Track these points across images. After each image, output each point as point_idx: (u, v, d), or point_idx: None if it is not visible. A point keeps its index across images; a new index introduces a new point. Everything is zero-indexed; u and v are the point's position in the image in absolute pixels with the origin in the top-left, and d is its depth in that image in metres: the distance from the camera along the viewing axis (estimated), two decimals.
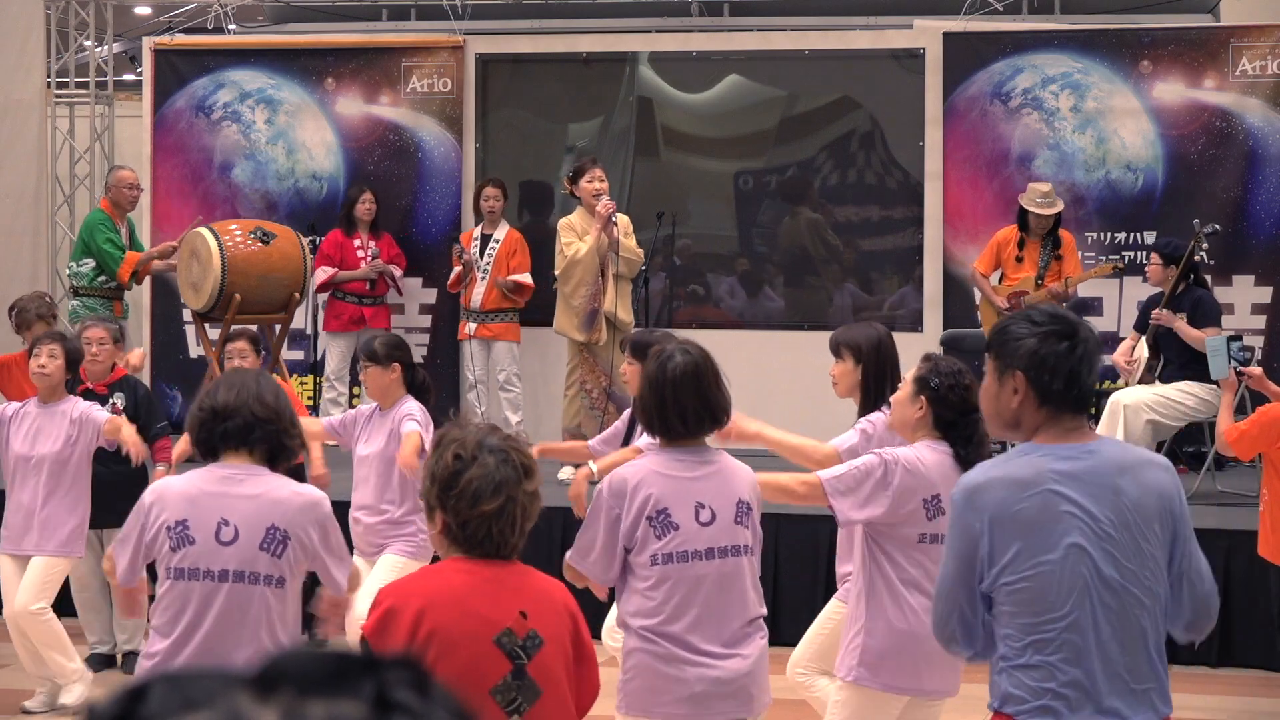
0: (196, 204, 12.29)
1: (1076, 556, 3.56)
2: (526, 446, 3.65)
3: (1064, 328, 3.63)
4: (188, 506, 4.44)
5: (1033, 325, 3.63)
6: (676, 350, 4.71)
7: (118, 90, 14.04)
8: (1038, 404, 3.61)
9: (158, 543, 4.48)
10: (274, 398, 4.49)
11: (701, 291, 11.97)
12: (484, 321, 11.04)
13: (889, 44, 11.79)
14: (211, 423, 4.45)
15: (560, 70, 12.21)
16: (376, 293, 11.66)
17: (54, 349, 7.12)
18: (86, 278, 10.89)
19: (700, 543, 4.62)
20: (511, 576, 3.59)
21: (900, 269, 11.70)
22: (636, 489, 4.59)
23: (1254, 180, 11.04)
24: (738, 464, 4.80)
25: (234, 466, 4.46)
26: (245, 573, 4.42)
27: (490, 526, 3.52)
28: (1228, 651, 8.24)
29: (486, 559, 3.56)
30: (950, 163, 11.43)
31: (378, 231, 11.68)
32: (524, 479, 3.54)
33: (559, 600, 3.67)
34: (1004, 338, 3.65)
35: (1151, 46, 11.24)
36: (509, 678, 3.53)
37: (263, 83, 12.39)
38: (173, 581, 4.47)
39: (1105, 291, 11.10)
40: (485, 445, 3.54)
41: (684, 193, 11.99)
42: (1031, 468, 3.58)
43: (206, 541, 4.42)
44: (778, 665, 5.37)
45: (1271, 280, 10.99)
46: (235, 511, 4.42)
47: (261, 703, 0.95)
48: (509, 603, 3.55)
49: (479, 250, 11.08)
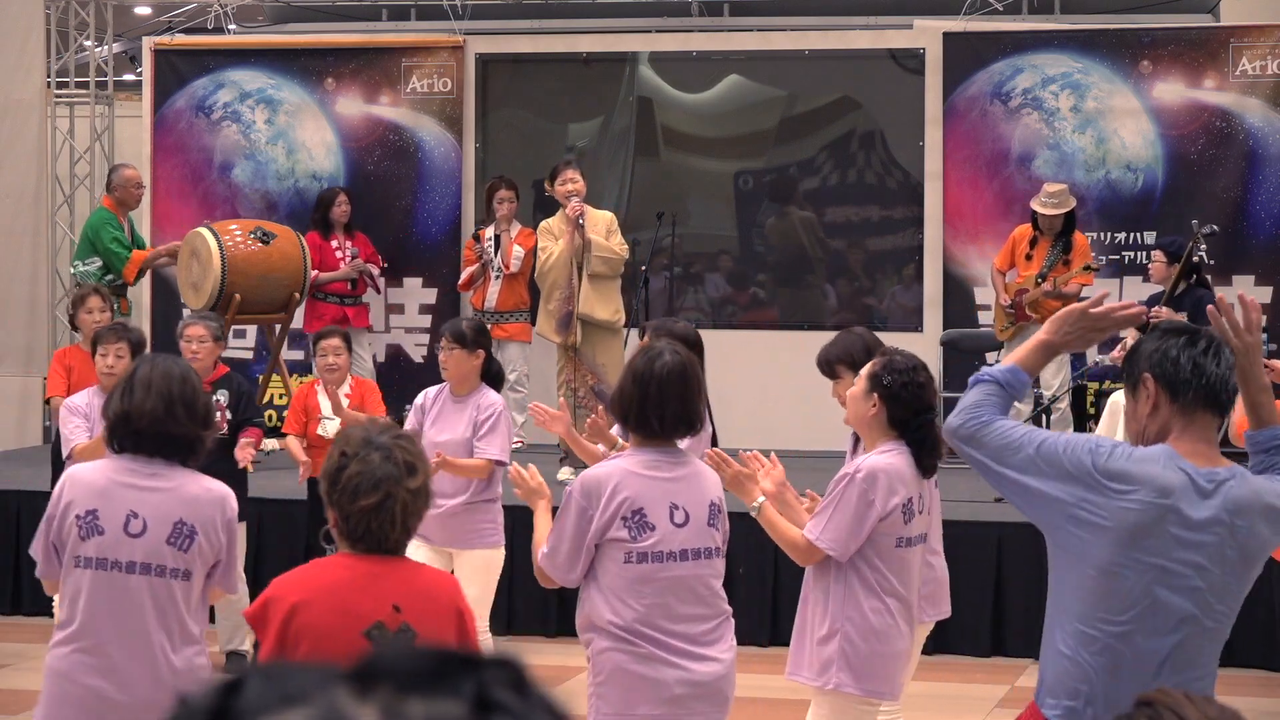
0: (196, 204, 12.29)
1: (1156, 575, 3.54)
2: (416, 444, 3.71)
3: (1184, 328, 3.67)
4: (97, 497, 4.44)
5: (1155, 331, 3.69)
6: (666, 349, 4.69)
7: (118, 90, 14.04)
8: (1170, 401, 3.57)
9: (65, 530, 4.48)
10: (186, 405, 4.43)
11: (701, 291, 11.97)
12: (497, 322, 11.05)
13: (889, 44, 11.79)
14: (124, 426, 4.43)
15: (560, 70, 12.21)
16: (357, 292, 11.66)
17: (120, 348, 7.04)
18: (93, 276, 10.90)
19: (675, 544, 4.62)
20: (392, 571, 3.68)
21: (900, 269, 11.70)
22: (614, 489, 4.58)
23: (1254, 180, 11.04)
24: (706, 466, 4.81)
25: (144, 460, 4.46)
26: (152, 565, 4.41)
27: (369, 521, 3.61)
28: (1228, 651, 8.20)
29: (370, 554, 3.65)
30: (950, 163, 11.43)
31: (352, 232, 11.68)
32: (406, 476, 3.61)
33: (442, 596, 3.73)
34: (1130, 356, 3.68)
35: (1151, 46, 11.24)
36: None
37: (263, 83, 12.38)
38: (79, 570, 4.48)
39: (1105, 291, 11.09)
40: (371, 442, 3.63)
41: (684, 193, 11.99)
42: (1167, 478, 3.53)
43: (115, 533, 4.43)
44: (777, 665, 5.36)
45: (1271, 280, 10.99)
46: (145, 505, 4.41)
47: (360, 699, 0.94)
48: (384, 597, 3.63)
49: (492, 250, 11.09)
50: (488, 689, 0.96)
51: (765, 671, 6.95)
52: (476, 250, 11.08)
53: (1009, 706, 7.50)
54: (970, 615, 8.13)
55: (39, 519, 9.59)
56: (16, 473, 10.19)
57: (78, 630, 4.47)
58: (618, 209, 11.41)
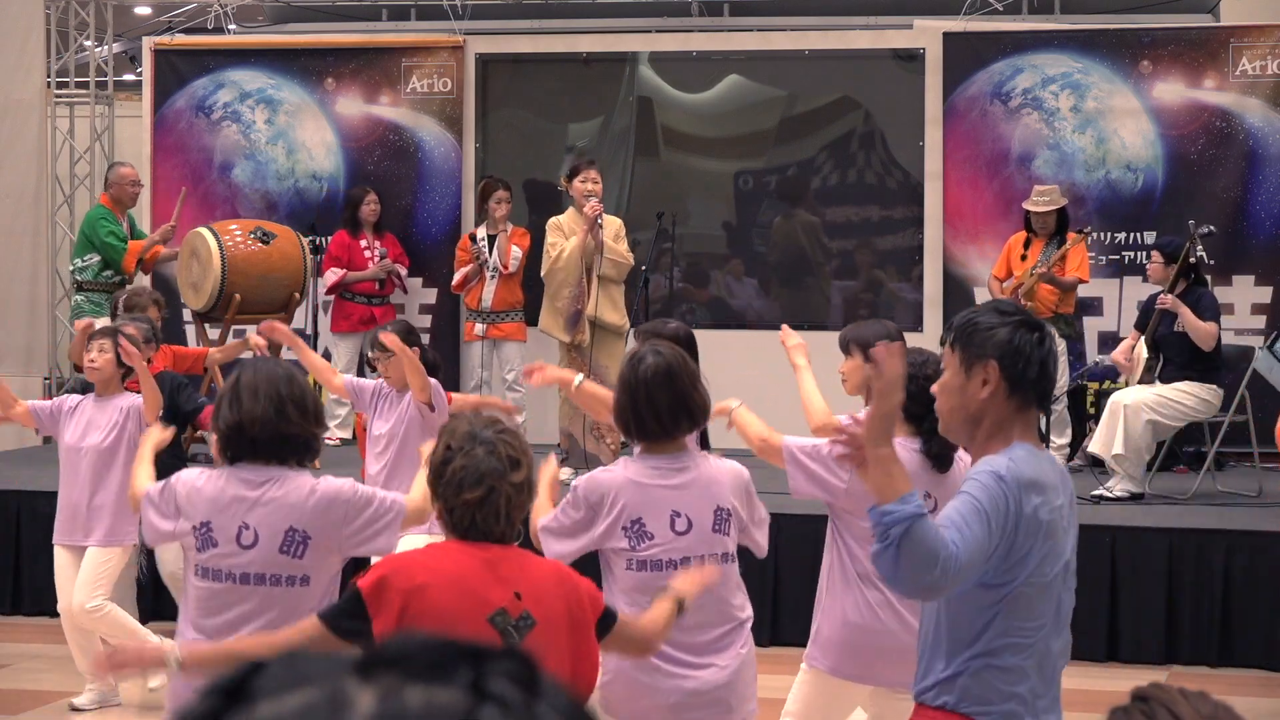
0: (196, 204, 12.28)
1: (1064, 571, 3.59)
2: (521, 439, 3.75)
3: (1032, 320, 3.63)
4: (210, 508, 4.44)
5: (1002, 315, 3.61)
6: (648, 352, 4.70)
7: (118, 90, 14.04)
8: (1008, 394, 3.56)
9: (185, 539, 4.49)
10: (297, 405, 4.44)
11: (701, 291, 11.97)
12: (493, 322, 11.06)
13: (889, 44, 11.79)
14: (238, 435, 4.42)
15: (560, 70, 12.21)
16: (384, 292, 11.67)
17: (104, 344, 7.16)
18: (91, 272, 10.90)
19: (676, 552, 4.61)
20: (508, 560, 3.71)
21: (900, 269, 11.70)
22: (613, 500, 4.59)
23: (1254, 180, 11.04)
24: (720, 467, 4.75)
25: (256, 469, 4.45)
26: (267, 575, 4.43)
27: (474, 515, 3.66)
28: (1228, 651, 8.24)
29: (481, 543, 3.69)
30: (950, 163, 11.42)
31: (381, 231, 11.69)
32: (510, 470, 3.65)
33: (556, 584, 3.75)
34: (971, 329, 3.59)
35: (1151, 46, 11.24)
36: None
37: (263, 83, 12.38)
38: (199, 580, 4.48)
39: (1105, 291, 11.10)
40: (476, 436, 3.68)
41: (684, 193, 11.99)
42: (1055, 474, 3.58)
43: (228, 544, 4.43)
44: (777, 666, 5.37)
45: (1271, 280, 10.99)
46: (254, 516, 4.41)
47: (363, 683, 0.97)
48: (504, 584, 3.67)
49: (486, 250, 11.09)
50: (485, 679, 0.98)
51: (766, 671, 6.94)
52: (473, 251, 11.08)
53: None
54: None
55: (39, 519, 9.62)
56: (16, 473, 10.19)
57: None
58: (618, 209, 11.43)
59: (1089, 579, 8.28)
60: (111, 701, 7.35)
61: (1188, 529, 8.48)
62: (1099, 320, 11.12)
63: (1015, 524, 3.48)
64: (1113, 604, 8.31)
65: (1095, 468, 9.50)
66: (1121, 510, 8.91)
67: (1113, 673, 8.01)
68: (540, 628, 3.68)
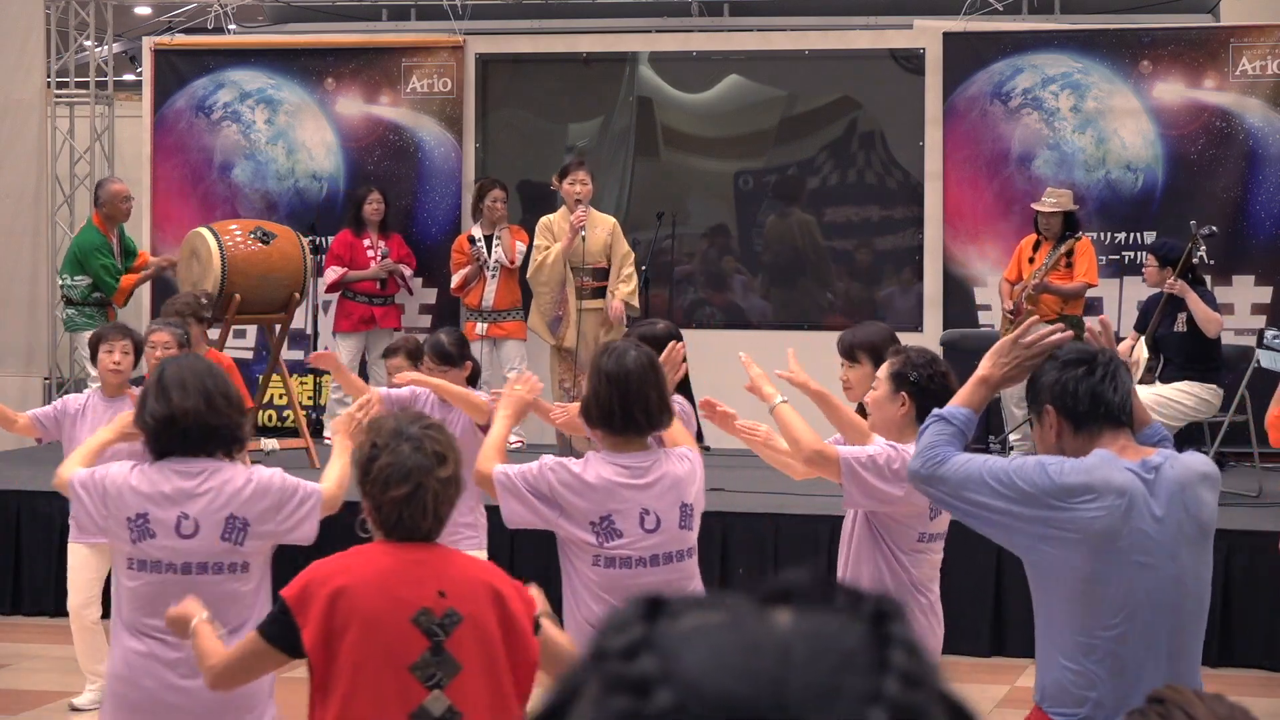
0: (197, 204, 12.29)
1: (1136, 570, 3.64)
2: (447, 434, 3.78)
3: (1081, 355, 3.75)
4: (145, 501, 4.45)
5: (1054, 360, 3.77)
6: (629, 345, 4.74)
7: (118, 90, 14.04)
8: (1073, 431, 3.71)
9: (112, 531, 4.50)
10: (225, 394, 4.47)
11: (701, 291, 11.97)
12: (494, 321, 11.08)
13: (889, 44, 11.79)
14: (168, 428, 4.44)
15: (560, 70, 12.21)
16: (387, 292, 11.67)
17: (126, 345, 7.17)
18: (80, 292, 10.92)
19: (645, 550, 4.66)
20: (432, 558, 3.75)
21: (900, 269, 11.70)
22: (588, 491, 4.62)
23: (1254, 180, 11.03)
24: (679, 459, 4.79)
25: (188, 462, 4.47)
26: (209, 563, 4.44)
27: (401, 511, 3.69)
28: (1228, 651, 8.24)
29: (406, 542, 3.73)
30: (950, 163, 11.42)
31: (386, 231, 11.69)
32: (437, 465, 3.69)
33: (481, 581, 3.78)
34: (1031, 382, 3.80)
35: (1151, 46, 11.24)
36: (427, 654, 3.71)
37: (263, 83, 12.38)
38: (135, 574, 4.49)
39: (1105, 291, 11.10)
40: (402, 433, 3.71)
41: (684, 193, 11.99)
42: (1126, 477, 3.65)
43: (168, 535, 4.44)
44: None
45: (1271, 280, 10.99)
46: (194, 506, 4.42)
47: (772, 609, 1.03)
48: (427, 583, 3.71)
49: (485, 249, 11.11)
50: (885, 615, 1.03)
51: None
52: (473, 252, 11.09)
53: (1009, 706, 7.50)
54: (970, 615, 8.13)
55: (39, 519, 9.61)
56: (16, 473, 10.18)
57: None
58: (618, 209, 11.43)
59: None
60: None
61: None
62: None
63: (1042, 518, 3.60)
64: None
65: None
66: None
67: None
68: (467, 624, 3.71)
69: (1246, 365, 9.71)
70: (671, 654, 1.00)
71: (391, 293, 11.70)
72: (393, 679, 3.72)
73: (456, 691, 3.72)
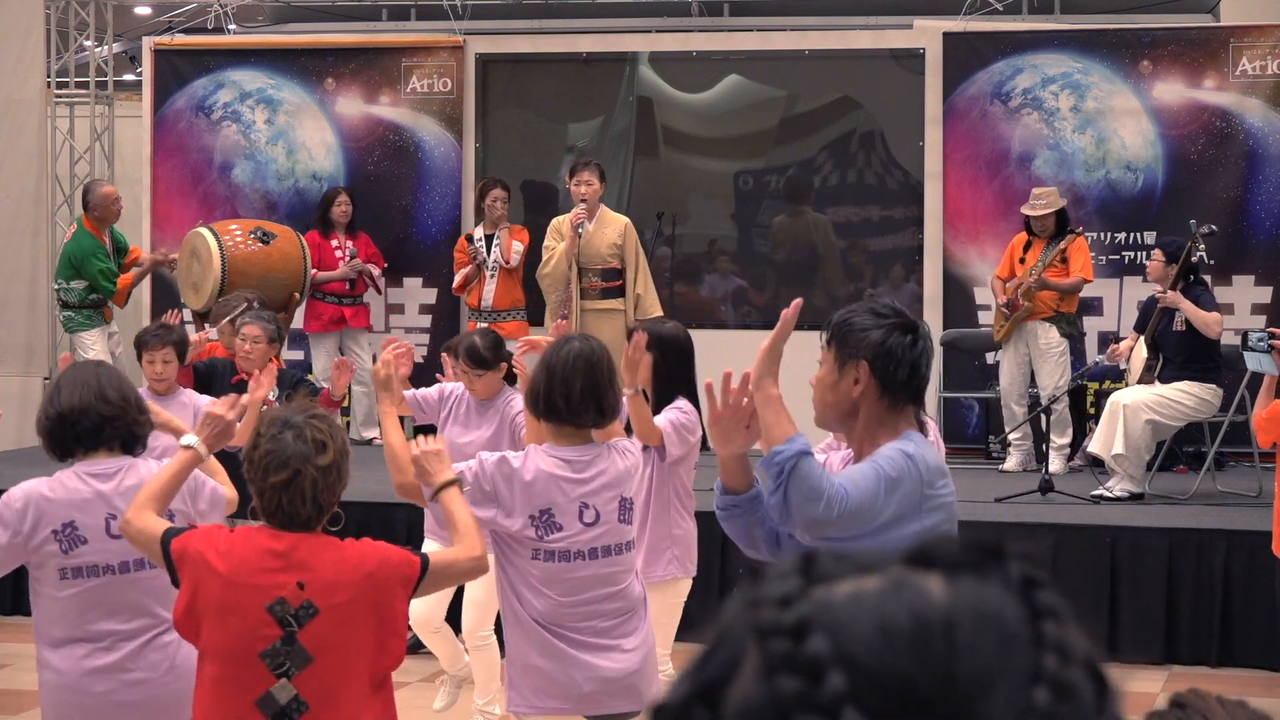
0: (197, 204, 12.29)
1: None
2: (332, 423, 3.83)
3: (907, 322, 3.67)
4: (69, 509, 4.46)
5: (877, 317, 3.66)
6: (576, 338, 4.84)
7: (118, 90, 14.04)
8: (879, 394, 3.62)
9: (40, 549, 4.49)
10: (117, 390, 4.51)
11: (701, 291, 11.97)
12: (495, 320, 11.08)
13: (889, 44, 11.79)
14: (62, 427, 4.48)
15: (560, 70, 12.21)
16: (356, 292, 11.67)
17: (166, 353, 7.15)
18: (77, 295, 10.92)
19: (584, 543, 4.70)
20: (303, 548, 3.81)
21: (900, 269, 11.70)
22: (527, 487, 4.65)
23: (1254, 180, 11.03)
24: (621, 451, 4.83)
25: (101, 462, 4.49)
26: (145, 560, 4.43)
27: (280, 498, 3.76)
28: (1228, 651, 8.24)
29: (285, 529, 3.80)
30: (950, 163, 11.42)
31: (354, 231, 11.69)
32: (316, 453, 3.74)
33: (357, 572, 3.82)
34: (846, 329, 3.67)
35: (1151, 46, 11.24)
36: (278, 643, 3.78)
37: (263, 83, 12.39)
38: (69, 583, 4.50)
39: (1105, 291, 11.10)
40: (286, 421, 3.78)
41: (684, 193, 11.99)
42: (937, 459, 3.68)
43: (99, 539, 4.45)
44: None
45: (1271, 280, 10.99)
46: (119, 505, 4.42)
47: (921, 574, 1.02)
48: (289, 573, 3.78)
49: (485, 249, 11.12)
50: (1032, 582, 1.03)
51: None
52: (470, 251, 11.09)
53: None
54: None
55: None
56: (16, 473, 10.15)
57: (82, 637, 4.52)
58: (618, 209, 11.43)
59: (1089, 579, 8.31)
60: None
61: (1188, 529, 8.48)
62: (1099, 320, 11.11)
63: (920, 501, 3.58)
64: (1112, 604, 8.31)
65: (1095, 468, 9.50)
66: (1121, 510, 8.91)
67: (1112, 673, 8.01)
68: (324, 617, 3.77)
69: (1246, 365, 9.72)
70: (840, 631, 0.98)
71: (360, 293, 11.70)
72: (243, 663, 3.78)
73: (305, 682, 3.78)
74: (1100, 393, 10.58)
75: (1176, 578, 8.31)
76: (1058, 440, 10.22)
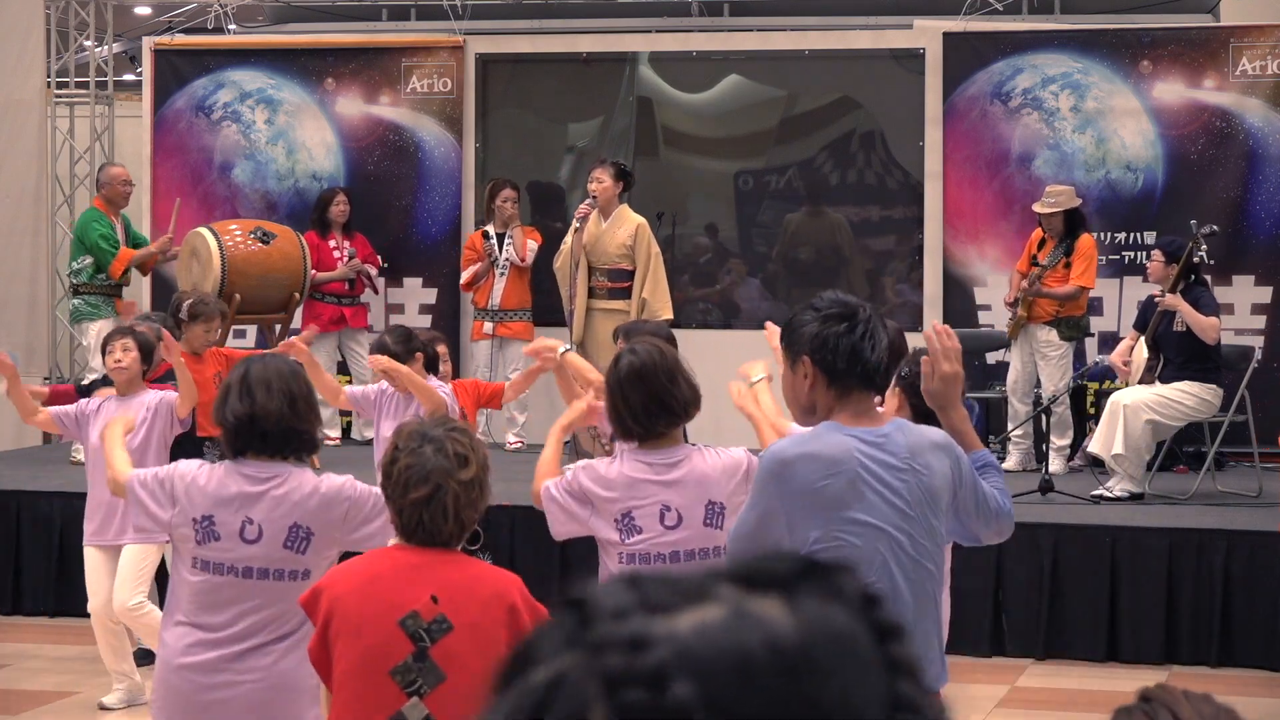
0: (197, 204, 12.28)
1: (875, 534, 3.73)
2: (472, 437, 3.75)
3: (843, 310, 3.79)
4: (212, 502, 4.42)
5: (814, 312, 3.80)
6: (626, 352, 4.79)
7: (118, 90, 14.03)
8: (827, 384, 3.75)
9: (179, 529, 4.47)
10: (307, 401, 4.46)
11: (701, 291, 11.97)
12: (502, 320, 11.10)
13: (889, 44, 11.79)
14: (250, 428, 4.41)
15: (560, 70, 12.21)
16: (354, 292, 11.68)
17: (126, 343, 7.17)
18: (86, 274, 10.90)
19: (665, 546, 4.68)
20: (439, 564, 3.69)
21: (900, 269, 11.70)
22: (605, 493, 4.68)
23: (1254, 180, 11.03)
24: (716, 460, 4.78)
25: (264, 466, 4.45)
26: (270, 570, 4.42)
27: (421, 514, 3.64)
28: (1228, 651, 8.24)
29: (424, 546, 3.68)
30: (950, 163, 11.42)
31: (350, 232, 11.70)
32: (458, 468, 3.63)
33: (491, 590, 3.72)
34: (790, 328, 3.82)
35: (1151, 46, 11.24)
36: (410, 659, 3.65)
37: (263, 83, 12.39)
38: (199, 572, 4.47)
39: (1105, 291, 11.10)
40: (425, 435, 3.67)
41: (684, 193, 12.00)
42: (841, 447, 3.72)
43: (231, 539, 4.42)
44: None
45: (1271, 280, 10.98)
46: (258, 511, 4.40)
47: (758, 598, 0.96)
48: (422, 587, 3.66)
49: (496, 248, 11.15)
50: (871, 601, 0.99)
51: None
52: (485, 248, 11.11)
53: (1009, 706, 7.50)
54: (970, 615, 8.13)
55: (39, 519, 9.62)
56: (16, 473, 10.19)
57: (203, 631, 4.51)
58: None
59: (1089, 579, 8.31)
60: (139, 700, 7.31)
61: (1188, 529, 8.48)
62: (1099, 320, 11.11)
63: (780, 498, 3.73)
64: (1113, 604, 8.31)
65: (1095, 468, 9.49)
66: (1121, 510, 8.91)
67: (1112, 673, 8.01)
68: (459, 633, 3.65)
69: (1246, 365, 9.72)
70: (700, 676, 0.92)
71: (358, 293, 11.71)
72: (373, 683, 3.65)
73: (437, 701, 3.64)
74: (1100, 393, 10.57)
75: (1176, 578, 8.31)
76: (1058, 441, 10.21)
